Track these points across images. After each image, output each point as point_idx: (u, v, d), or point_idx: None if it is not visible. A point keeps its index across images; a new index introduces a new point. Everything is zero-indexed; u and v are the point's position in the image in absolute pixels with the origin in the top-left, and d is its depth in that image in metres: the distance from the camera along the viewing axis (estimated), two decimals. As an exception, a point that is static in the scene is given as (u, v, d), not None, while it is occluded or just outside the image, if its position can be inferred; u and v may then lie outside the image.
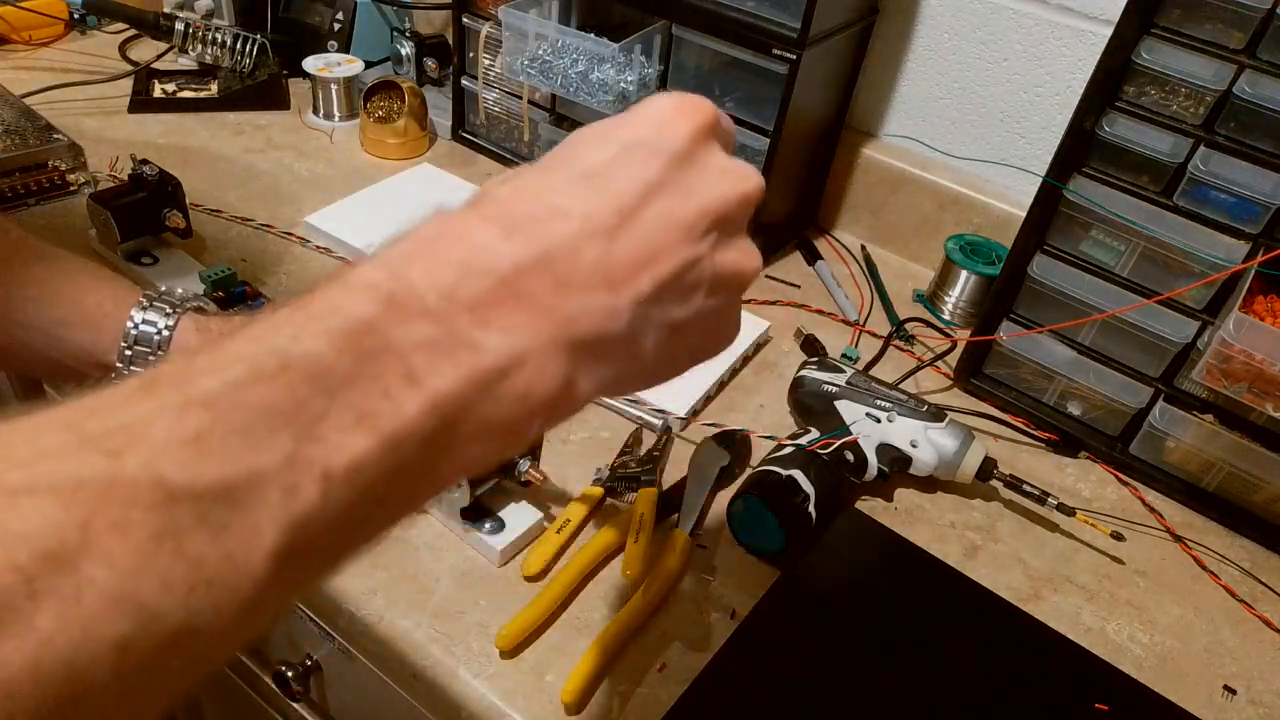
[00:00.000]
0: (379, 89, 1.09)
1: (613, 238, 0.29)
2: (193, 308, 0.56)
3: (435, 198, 1.01)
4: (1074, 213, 0.74)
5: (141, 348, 0.54)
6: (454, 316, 0.26)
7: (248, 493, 0.22)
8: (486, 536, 0.64)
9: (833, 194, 1.06)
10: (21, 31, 1.21)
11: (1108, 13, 0.84)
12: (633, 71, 0.91)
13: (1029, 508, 0.73)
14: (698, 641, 0.61)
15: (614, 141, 0.31)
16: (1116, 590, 0.69)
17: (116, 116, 1.11)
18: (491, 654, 0.58)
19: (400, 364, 0.25)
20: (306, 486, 0.23)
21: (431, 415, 0.25)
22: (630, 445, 0.73)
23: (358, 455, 0.24)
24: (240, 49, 1.18)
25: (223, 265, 0.84)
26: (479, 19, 1.04)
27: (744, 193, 0.32)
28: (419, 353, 0.25)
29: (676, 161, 0.31)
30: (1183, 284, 0.71)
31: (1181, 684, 0.63)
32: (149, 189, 0.85)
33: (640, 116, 0.32)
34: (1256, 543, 0.74)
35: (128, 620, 0.20)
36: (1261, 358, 0.63)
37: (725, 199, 0.32)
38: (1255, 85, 0.64)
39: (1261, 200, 0.66)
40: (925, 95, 0.99)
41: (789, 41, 0.84)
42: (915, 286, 1.00)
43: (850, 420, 0.72)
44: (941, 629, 0.64)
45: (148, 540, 0.20)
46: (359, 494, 0.24)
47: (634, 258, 0.29)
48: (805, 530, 0.66)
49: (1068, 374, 0.79)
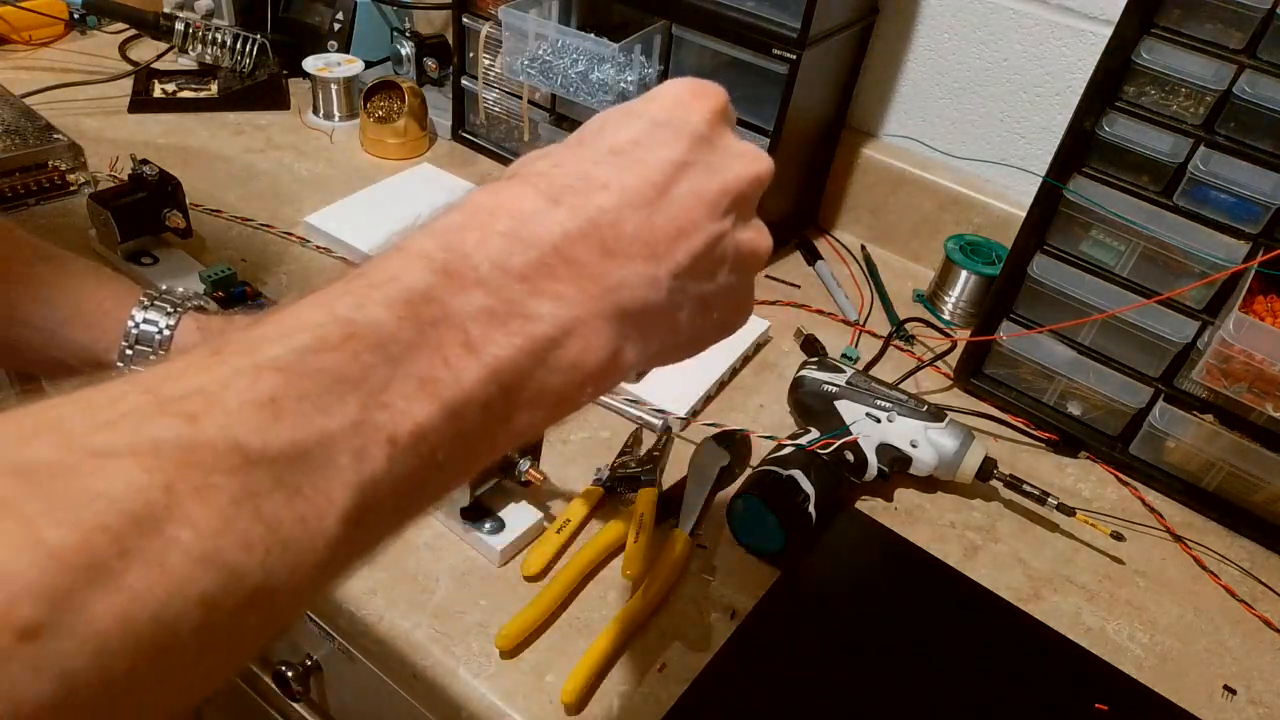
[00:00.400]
0: (379, 89, 1.09)
1: (652, 208, 0.29)
2: (193, 307, 0.57)
3: (435, 198, 1.01)
4: (1074, 213, 0.74)
5: (143, 346, 0.54)
6: (508, 286, 0.26)
7: (319, 457, 0.23)
8: (486, 536, 0.64)
9: (833, 194, 1.06)
10: (21, 31, 1.21)
11: (1108, 13, 0.84)
12: (633, 71, 0.91)
13: (1029, 508, 0.73)
14: (698, 641, 0.61)
15: (639, 120, 0.32)
16: (1116, 590, 0.69)
17: (116, 116, 1.11)
18: (491, 654, 0.58)
19: (459, 333, 0.25)
20: (374, 451, 0.23)
21: (490, 383, 0.26)
22: (630, 445, 0.73)
23: (421, 421, 0.24)
24: (240, 49, 1.18)
25: (223, 265, 0.84)
26: (479, 19, 1.04)
27: (757, 173, 0.34)
28: (475, 322, 0.26)
29: (698, 141, 0.32)
30: (1183, 284, 0.71)
31: (1181, 684, 0.63)
32: (149, 189, 0.85)
33: (659, 100, 0.33)
34: (1256, 543, 0.74)
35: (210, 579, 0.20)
36: (1261, 358, 0.63)
37: (742, 178, 0.33)
38: (1255, 85, 0.64)
39: (1261, 200, 0.66)
40: (925, 95, 0.99)
41: (789, 41, 0.84)
42: (915, 286, 1.00)
43: (850, 420, 0.72)
44: (941, 629, 0.64)
45: (228, 503, 0.21)
46: (422, 459, 0.25)
47: (670, 230, 0.30)
48: (805, 530, 0.66)
49: (1068, 374, 0.79)
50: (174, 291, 0.57)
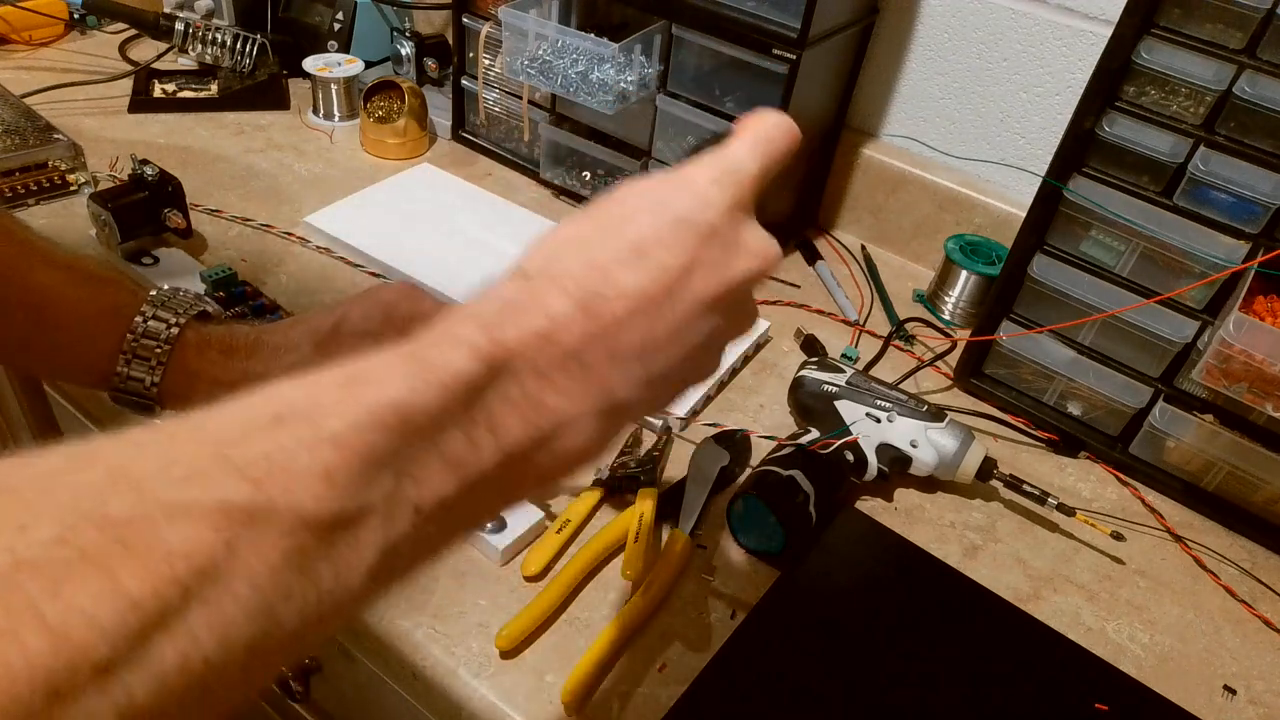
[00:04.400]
0: (379, 89, 1.09)
1: (656, 315, 0.32)
2: (198, 313, 0.56)
3: (435, 198, 1.01)
4: (1074, 213, 0.74)
5: (148, 340, 0.54)
6: (532, 380, 0.30)
7: (358, 521, 0.26)
8: (488, 536, 0.63)
9: (833, 194, 1.06)
10: (21, 31, 1.21)
11: (1108, 13, 0.84)
12: (633, 71, 0.91)
13: (1029, 508, 0.73)
14: (698, 641, 0.61)
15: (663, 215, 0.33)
16: (1116, 590, 0.69)
17: (116, 116, 1.11)
18: (491, 654, 0.58)
19: (488, 420, 0.29)
20: (400, 518, 0.27)
21: (503, 465, 0.29)
22: (630, 445, 0.73)
23: (444, 495, 0.28)
24: (240, 49, 1.18)
25: (223, 266, 0.84)
26: (479, 19, 1.04)
27: (762, 269, 0.36)
28: (502, 410, 0.29)
29: (711, 239, 0.34)
30: (1183, 284, 0.71)
31: (1181, 684, 0.63)
32: (149, 189, 0.85)
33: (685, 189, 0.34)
34: (1256, 543, 0.74)
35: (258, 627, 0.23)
36: (1261, 358, 0.63)
37: (746, 276, 0.35)
38: (1255, 85, 0.64)
39: (1261, 200, 0.66)
40: (925, 95, 0.99)
41: (789, 41, 0.84)
42: (915, 286, 1.00)
43: (850, 420, 0.72)
44: (941, 629, 0.64)
45: (280, 560, 0.24)
46: (439, 524, 0.28)
47: (668, 337, 0.33)
48: (805, 530, 0.66)
49: (1068, 374, 0.79)
50: (176, 294, 0.57)
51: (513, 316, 0.30)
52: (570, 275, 0.32)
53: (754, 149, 0.36)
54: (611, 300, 0.31)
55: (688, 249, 0.33)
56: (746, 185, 0.35)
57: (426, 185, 1.04)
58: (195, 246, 0.90)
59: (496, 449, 0.29)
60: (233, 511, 0.23)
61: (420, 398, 0.27)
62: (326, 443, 0.25)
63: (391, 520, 0.26)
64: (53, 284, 0.54)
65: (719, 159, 0.35)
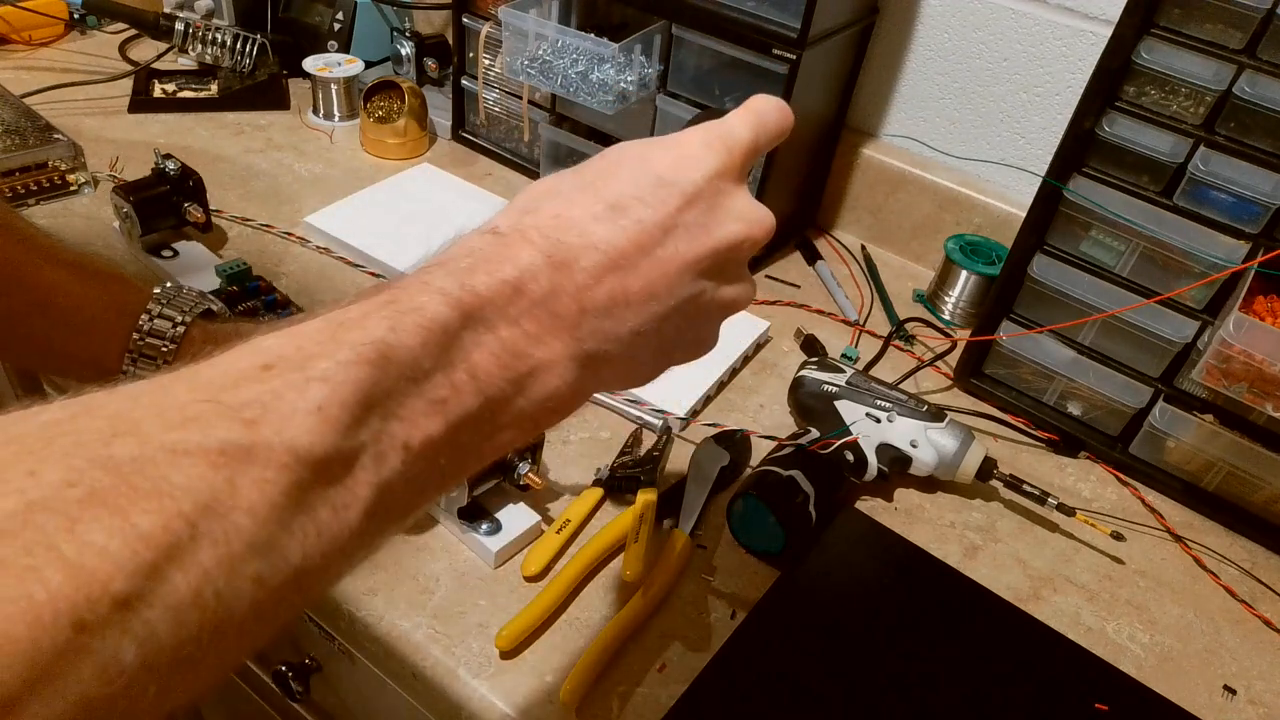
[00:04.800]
0: (379, 89, 1.09)
1: (629, 271, 0.33)
2: (202, 312, 0.56)
3: (435, 198, 1.01)
4: (1074, 213, 0.74)
5: (154, 339, 0.54)
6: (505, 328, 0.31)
7: (352, 458, 0.26)
8: (483, 537, 0.64)
9: (833, 194, 1.06)
10: (21, 31, 1.21)
11: (1108, 13, 0.84)
12: (633, 71, 0.91)
13: (1029, 508, 0.73)
14: (698, 641, 0.61)
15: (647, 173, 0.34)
16: (1116, 590, 0.69)
17: (116, 116, 1.11)
18: (491, 654, 0.58)
19: (466, 364, 0.30)
20: (391, 456, 0.28)
21: (484, 406, 0.30)
22: (630, 445, 0.73)
23: (431, 434, 0.29)
24: (240, 49, 1.18)
25: (238, 260, 0.85)
26: (479, 19, 1.04)
27: (751, 235, 0.36)
28: (478, 354, 0.30)
29: (693, 201, 0.34)
30: (1183, 284, 0.71)
31: (1181, 684, 0.63)
32: (170, 183, 0.86)
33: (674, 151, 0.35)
34: (1256, 543, 0.74)
35: (263, 560, 0.24)
36: (1261, 358, 0.63)
37: (732, 240, 0.35)
38: (1255, 85, 0.64)
39: (1261, 200, 0.66)
40: (925, 95, 0.99)
41: (789, 41, 0.84)
42: (915, 286, 1.00)
43: (850, 420, 0.72)
44: (941, 629, 0.64)
45: (279, 495, 0.24)
46: (427, 464, 0.29)
47: (641, 293, 0.33)
48: (805, 530, 0.66)
49: (1068, 374, 0.79)
50: (179, 292, 0.57)
51: (484, 265, 0.31)
52: (538, 227, 0.33)
53: (747, 120, 0.37)
54: (582, 254, 0.32)
55: (668, 208, 0.34)
56: (737, 153, 0.36)
57: (426, 185, 1.04)
58: (214, 240, 0.90)
59: (477, 391, 0.30)
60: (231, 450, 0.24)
61: (400, 338, 0.28)
62: (316, 381, 0.26)
63: (383, 458, 0.27)
64: (59, 281, 0.54)
65: (712, 125, 0.36)
